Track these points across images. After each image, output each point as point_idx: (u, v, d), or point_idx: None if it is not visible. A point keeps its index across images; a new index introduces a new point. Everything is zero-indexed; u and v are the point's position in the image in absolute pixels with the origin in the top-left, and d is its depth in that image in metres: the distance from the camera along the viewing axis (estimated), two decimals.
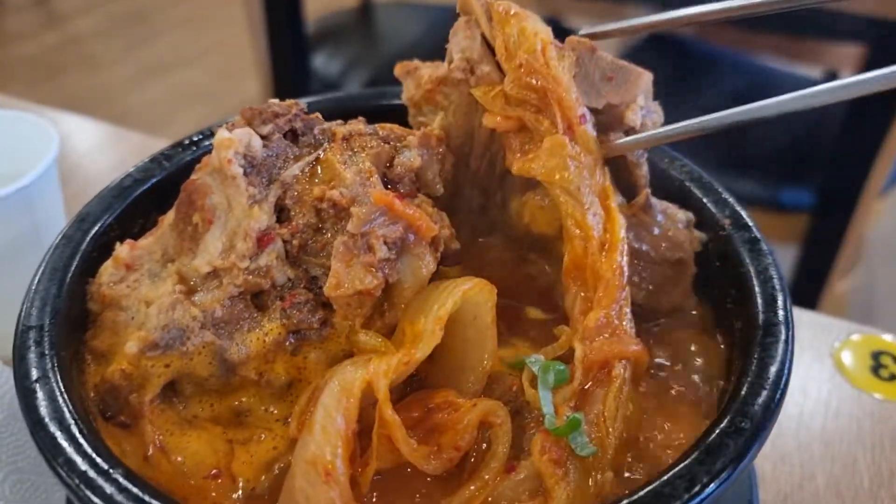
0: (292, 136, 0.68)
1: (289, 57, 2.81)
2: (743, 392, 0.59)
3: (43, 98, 4.06)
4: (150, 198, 0.77)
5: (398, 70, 0.79)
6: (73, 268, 0.68)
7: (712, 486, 0.53)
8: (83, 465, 0.54)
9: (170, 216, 0.66)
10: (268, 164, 0.65)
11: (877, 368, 1.05)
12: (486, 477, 0.59)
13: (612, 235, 0.67)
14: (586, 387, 0.62)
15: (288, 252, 0.64)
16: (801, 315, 1.12)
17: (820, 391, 1.02)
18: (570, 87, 0.69)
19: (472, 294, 0.63)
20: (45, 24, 4.78)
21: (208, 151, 0.66)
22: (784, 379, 0.60)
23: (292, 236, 0.64)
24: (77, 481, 0.53)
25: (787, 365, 0.61)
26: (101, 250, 0.70)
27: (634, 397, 0.63)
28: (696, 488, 0.52)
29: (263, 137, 0.66)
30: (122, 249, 0.66)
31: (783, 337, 0.63)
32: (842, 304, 2.89)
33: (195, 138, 0.83)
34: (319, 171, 0.66)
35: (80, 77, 4.31)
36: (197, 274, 0.63)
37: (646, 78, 0.74)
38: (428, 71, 0.77)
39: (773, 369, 0.60)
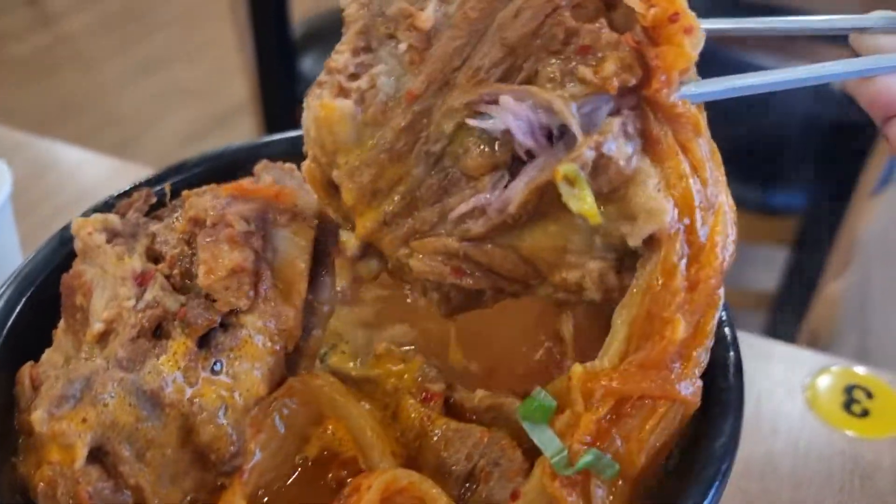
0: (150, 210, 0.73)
1: (275, 60, 2.79)
2: (683, 469, 0.57)
3: (35, 98, 4.06)
4: None
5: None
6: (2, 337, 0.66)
7: None
8: None
9: (61, 324, 0.66)
10: (129, 229, 0.68)
11: (849, 404, 1.03)
12: None
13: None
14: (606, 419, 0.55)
15: (173, 284, 0.65)
16: (773, 348, 1.11)
17: (791, 429, 1.00)
18: None
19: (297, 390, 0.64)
20: (37, 23, 4.76)
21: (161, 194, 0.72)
22: (729, 459, 0.57)
23: (171, 268, 0.65)
24: None
25: (733, 441, 0.58)
26: (36, 321, 0.68)
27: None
28: None
29: (120, 215, 0.70)
30: (23, 371, 0.65)
31: (732, 407, 0.61)
32: (834, 305, 2.88)
33: (144, 181, 0.79)
34: (180, 218, 0.68)
35: (73, 76, 4.29)
36: (93, 339, 0.62)
37: None
38: None
39: (717, 444, 0.58)
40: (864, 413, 1.03)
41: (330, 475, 0.63)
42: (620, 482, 0.55)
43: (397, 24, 0.54)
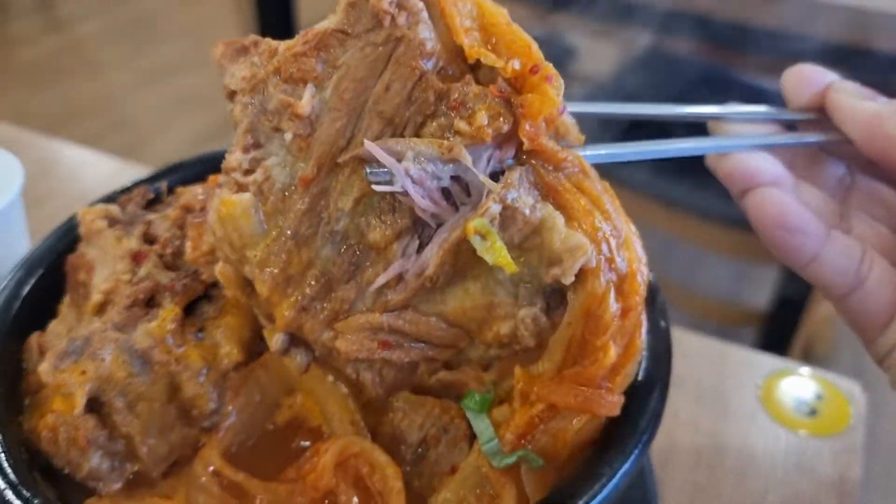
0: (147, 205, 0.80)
1: None
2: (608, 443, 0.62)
3: (44, 101, 4.15)
4: None
5: (217, 54, 0.61)
6: (8, 321, 0.72)
7: None
8: None
9: (66, 299, 0.73)
10: (128, 217, 0.75)
11: (799, 404, 1.10)
12: None
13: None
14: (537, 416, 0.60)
15: (165, 263, 0.72)
16: (728, 350, 1.17)
17: (742, 427, 1.06)
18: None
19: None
20: (48, 28, 4.85)
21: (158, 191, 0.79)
22: (651, 431, 0.62)
23: (164, 249, 0.71)
24: None
25: (656, 419, 0.63)
26: (43, 298, 0.74)
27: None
28: None
29: (121, 207, 0.77)
30: (32, 339, 0.72)
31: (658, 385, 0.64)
32: (828, 323, 2.91)
33: (145, 178, 0.86)
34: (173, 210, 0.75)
35: (82, 82, 4.37)
36: (93, 309, 0.69)
37: None
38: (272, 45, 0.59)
39: (642, 420, 0.62)
40: (813, 412, 1.09)
41: (296, 439, 0.71)
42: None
43: (280, 117, 0.56)
